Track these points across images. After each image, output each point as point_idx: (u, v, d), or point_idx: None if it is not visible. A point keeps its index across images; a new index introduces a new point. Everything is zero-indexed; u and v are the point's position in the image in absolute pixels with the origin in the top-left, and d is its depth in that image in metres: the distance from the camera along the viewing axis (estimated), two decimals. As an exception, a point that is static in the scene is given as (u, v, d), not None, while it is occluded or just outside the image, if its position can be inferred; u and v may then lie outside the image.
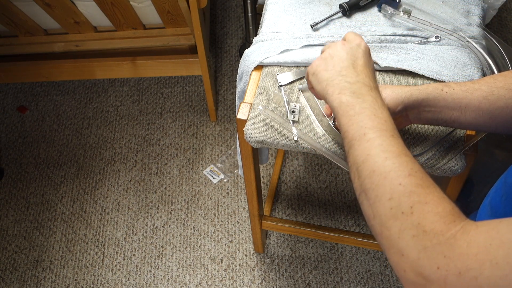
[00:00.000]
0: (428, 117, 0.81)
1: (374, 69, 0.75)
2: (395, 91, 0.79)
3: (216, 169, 1.72)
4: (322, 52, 0.79)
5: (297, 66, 1.03)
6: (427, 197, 0.55)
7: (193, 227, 1.61)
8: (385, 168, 0.59)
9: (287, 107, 0.95)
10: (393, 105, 0.79)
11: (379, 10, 1.08)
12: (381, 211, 0.58)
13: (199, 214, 1.63)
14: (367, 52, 0.75)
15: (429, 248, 0.52)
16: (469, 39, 1.01)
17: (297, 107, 0.95)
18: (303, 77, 1.00)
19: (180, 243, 1.58)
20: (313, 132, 0.93)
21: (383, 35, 1.04)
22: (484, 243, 0.50)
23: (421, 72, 0.97)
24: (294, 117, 0.94)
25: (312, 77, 0.76)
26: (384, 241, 0.57)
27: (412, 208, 0.55)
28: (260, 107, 0.94)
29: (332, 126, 0.91)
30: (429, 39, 1.03)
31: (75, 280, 1.54)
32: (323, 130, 0.93)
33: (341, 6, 1.08)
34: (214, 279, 1.51)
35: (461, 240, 0.51)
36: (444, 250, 0.51)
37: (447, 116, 0.79)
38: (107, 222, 1.64)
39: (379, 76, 1.00)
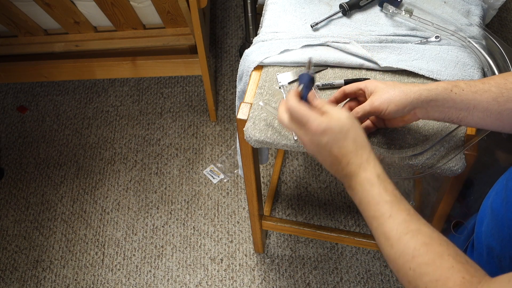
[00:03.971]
0: (436, 115, 0.82)
1: (363, 136, 0.72)
2: (404, 91, 0.79)
3: (216, 169, 1.72)
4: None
5: (297, 66, 1.03)
6: (436, 274, 0.61)
7: (193, 227, 1.61)
8: (394, 256, 0.66)
9: (287, 106, 0.95)
10: (401, 106, 0.79)
11: (381, 10, 1.08)
12: None
13: (199, 214, 1.63)
14: (350, 130, 0.71)
15: None
16: (469, 39, 1.01)
17: (297, 107, 0.95)
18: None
19: (180, 243, 1.58)
20: (313, 132, 0.93)
21: (383, 35, 1.04)
22: None
23: (421, 72, 0.97)
24: (294, 117, 0.93)
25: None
26: None
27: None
28: (261, 103, 0.94)
29: None
30: (429, 39, 1.03)
31: (75, 280, 1.54)
32: (323, 130, 0.92)
33: (341, 6, 1.08)
34: (214, 279, 1.51)
35: None
36: None
37: (455, 115, 0.80)
38: (107, 222, 1.64)
39: (379, 76, 1.00)
